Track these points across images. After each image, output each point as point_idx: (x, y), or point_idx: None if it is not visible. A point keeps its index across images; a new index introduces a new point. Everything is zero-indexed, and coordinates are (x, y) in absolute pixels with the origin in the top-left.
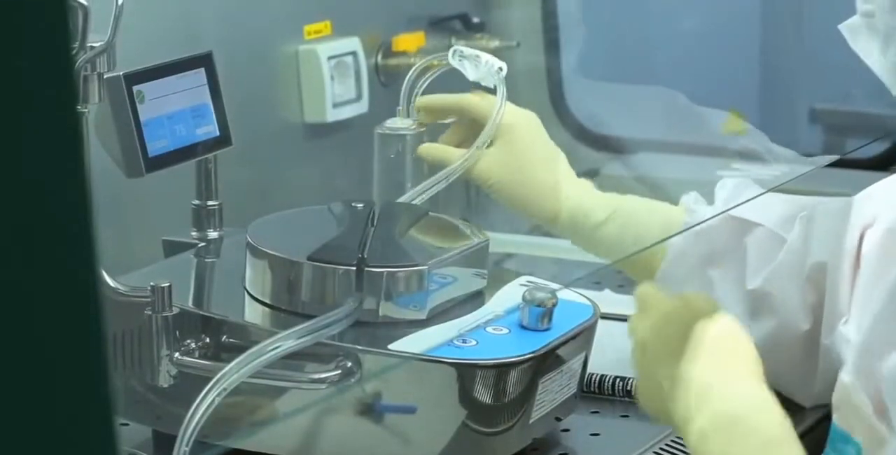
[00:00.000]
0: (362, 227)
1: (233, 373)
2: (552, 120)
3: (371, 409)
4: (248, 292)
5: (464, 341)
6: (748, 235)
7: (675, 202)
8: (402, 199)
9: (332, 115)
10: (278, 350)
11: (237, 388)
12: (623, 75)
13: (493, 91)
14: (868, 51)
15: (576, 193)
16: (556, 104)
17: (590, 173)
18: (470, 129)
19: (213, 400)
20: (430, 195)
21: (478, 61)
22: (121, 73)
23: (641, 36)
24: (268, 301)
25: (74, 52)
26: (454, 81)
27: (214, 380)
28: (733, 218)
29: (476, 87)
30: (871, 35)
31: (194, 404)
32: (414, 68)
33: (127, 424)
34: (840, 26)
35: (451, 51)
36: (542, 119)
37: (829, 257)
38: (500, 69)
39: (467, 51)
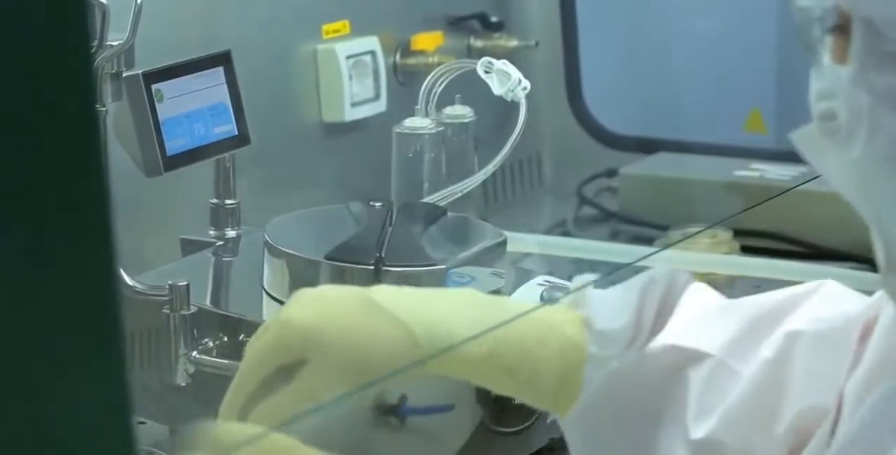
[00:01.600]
0: (380, 226)
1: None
2: (570, 119)
3: (395, 412)
4: (265, 291)
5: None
6: (690, 368)
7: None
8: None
9: (350, 115)
10: None
11: None
12: (641, 75)
13: (511, 114)
14: (824, 160)
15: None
16: (574, 104)
17: (609, 173)
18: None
19: None
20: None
21: (507, 78)
22: (140, 72)
23: (660, 36)
24: (285, 300)
25: (93, 50)
26: (473, 83)
27: None
28: (671, 347)
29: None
30: (830, 141)
31: None
32: (437, 70)
33: (144, 423)
34: (791, 136)
35: (481, 61)
36: (560, 118)
37: (824, 399)
38: (525, 88)
39: (497, 65)
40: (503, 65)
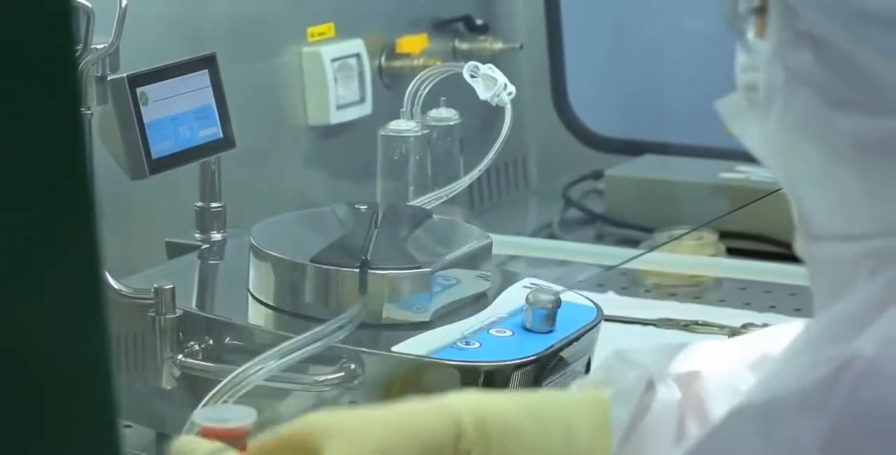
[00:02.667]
0: (366, 229)
1: (239, 380)
2: (555, 121)
3: None
4: (251, 294)
5: (467, 343)
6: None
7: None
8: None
9: (336, 117)
10: (286, 359)
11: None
12: (626, 77)
13: (497, 116)
14: (747, 129)
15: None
16: (560, 106)
17: (594, 175)
18: None
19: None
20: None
21: (493, 83)
22: (124, 75)
23: (645, 38)
24: (271, 303)
25: (78, 54)
26: (458, 86)
27: (217, 388)
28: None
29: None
30: (752, 111)
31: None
32: (422, 73)
33: (130, 426)
34: (716, 104)
35: (467, 66)
36: (546, 121)
37: None
38: (511, 93)
39: (483, 69)
40: (489, 69)
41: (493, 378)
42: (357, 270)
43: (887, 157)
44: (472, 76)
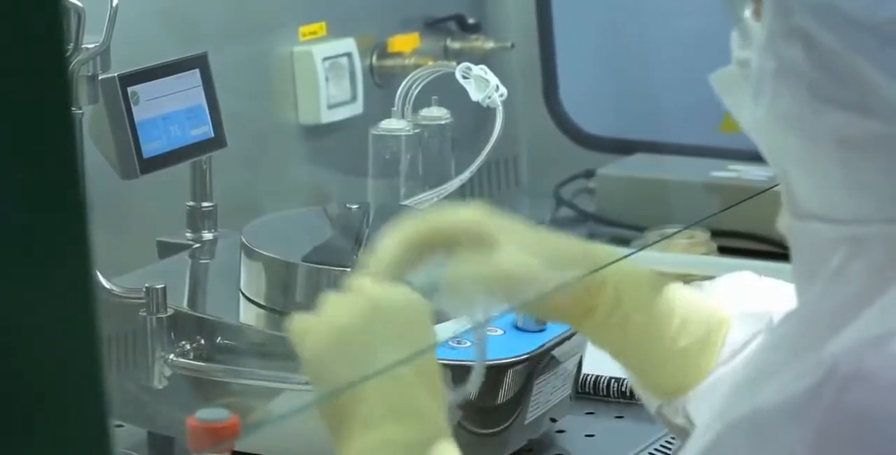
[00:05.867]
0: (357, 228)
1: None
2: (547, 120)
3: None
4: (242, 294)
5: (458, 342)
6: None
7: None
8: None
9: (327, 117)
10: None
11: (233, 389)
12: (618, 77)
13: (488, 115)
14: (740, 104)
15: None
16: (551, 105)
17: (586, 174)
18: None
19: None
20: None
21: (485, 84)
22: (115, 75)
23: (636, 37)
24: (262, 302)
25: (69, 53)
26: (450, 85)
27: None
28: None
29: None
30: (745, 86)
31: None
32: (414, 72)
33: (122, 426)
34: (711, 77)
35: (459, 67)
36: (537, 120)
37: None
38: (502, 95)
39: (475, 70)
40: (481, 71)
41: (485, 377)
42: (349, 270)
43: (868, 154)
44: (465, 77)
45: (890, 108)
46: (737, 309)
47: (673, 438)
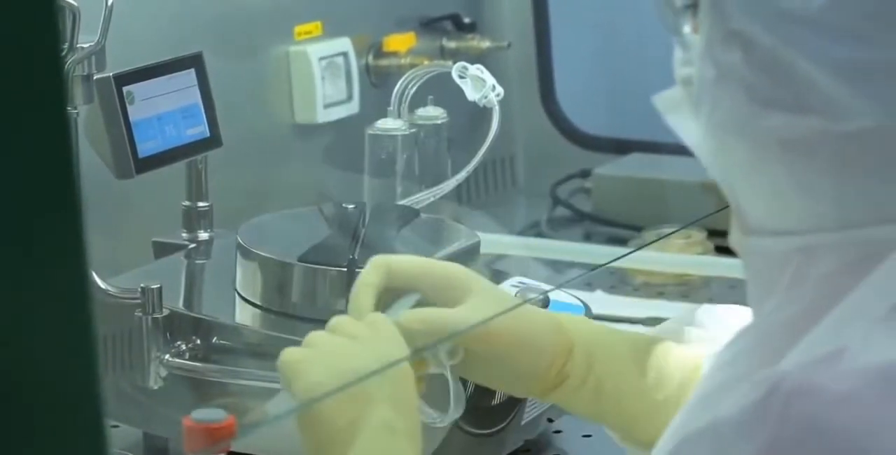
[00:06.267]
0: (353, 228)
1: None
2: (543, 120)
3: None
4: (238, 294)
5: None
6: None
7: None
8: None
9: (323, 116)
10: None
11: (229, 389)
12: (614, 76)
13: (484, 114)
14: (684, 123)
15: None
16: (548, 104)
17: (582, 174)
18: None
19: None
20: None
21: (481, 84)
22: (111, 74)
23: (633, 36)
24: (258, 302)
25: (64, 53)
26: (446, 84)
27: None
28: None
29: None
30: (689, 104)
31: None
32: (410, 72)
33: (117, 426)
34: (654, 98)
35: (456, 66)
36: (534, 119)
37: None
38: (499, 95)
39: (472, 70)
40: (478, 70)
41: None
42: (345, 270)
43: (811, 155)
44: (461, 77)
45: (828, 103)
46: (711, 347)
47: None
